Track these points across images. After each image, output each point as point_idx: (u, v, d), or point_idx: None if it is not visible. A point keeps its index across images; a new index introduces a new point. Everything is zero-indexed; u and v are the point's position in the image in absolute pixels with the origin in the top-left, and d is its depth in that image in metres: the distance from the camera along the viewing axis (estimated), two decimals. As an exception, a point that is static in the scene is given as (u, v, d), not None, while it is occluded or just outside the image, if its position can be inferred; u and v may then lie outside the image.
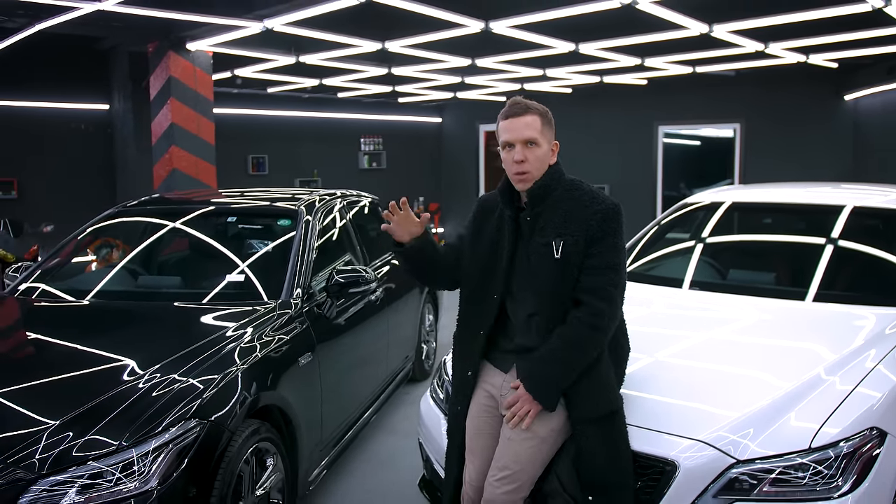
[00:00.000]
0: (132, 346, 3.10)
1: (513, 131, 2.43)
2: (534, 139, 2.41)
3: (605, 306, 2.33)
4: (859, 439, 2.37)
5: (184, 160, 7.29)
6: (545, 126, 2.44)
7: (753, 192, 4.63)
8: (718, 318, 3.48)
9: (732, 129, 11.02)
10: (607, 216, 2.37)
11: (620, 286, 2.39)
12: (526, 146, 2.41)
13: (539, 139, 2.41)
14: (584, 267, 2.36)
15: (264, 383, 3.04)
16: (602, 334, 2.35)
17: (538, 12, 5.64)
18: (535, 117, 2.42)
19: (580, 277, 2.36)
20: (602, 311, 2.32)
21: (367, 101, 12.98)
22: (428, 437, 3.19)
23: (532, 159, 2.41)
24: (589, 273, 2.35)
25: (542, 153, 2.43)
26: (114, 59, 9.65)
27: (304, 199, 4.38)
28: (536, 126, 2.42)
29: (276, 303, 3.54)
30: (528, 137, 2.41)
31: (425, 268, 2.66)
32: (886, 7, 5.37)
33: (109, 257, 5.63)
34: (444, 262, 2.67)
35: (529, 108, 2.43)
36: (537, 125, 2.42)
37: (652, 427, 2.49)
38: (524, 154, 2.41)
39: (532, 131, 2.41)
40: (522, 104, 2.44)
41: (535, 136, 2.41)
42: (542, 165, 2.44)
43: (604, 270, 2.35)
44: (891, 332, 3.04)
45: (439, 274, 2.70)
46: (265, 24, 5.96)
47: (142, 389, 2.68)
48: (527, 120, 2.42)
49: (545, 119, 2.45)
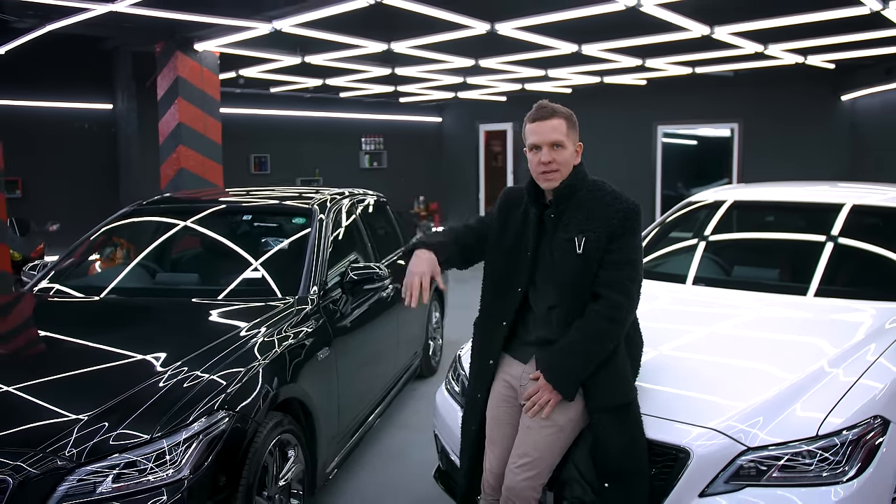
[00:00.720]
0: (158, 341, 3.19)
1: (540, 134, 2.53)
2: (560, 142, 2.51)
3: (622, 300, 2.43)
4: (863, 427, 2.47)
5: (191, 159, 7.37)
6: (570, 129, 2.54)
7: (754, 191, 4.73)
8: (723, 312, 3.58)
9: (730, 129, 11.12)
10: (628, 215, 2.48)
11: (637, 281, 2.50)
12: (552, 148, 2.51)
13: (565, 141, 2.52)
14: (603, 262, 2.47)
15: (285, 377, 3.13)
16: (619, 327, 2.45)
17: (543, 14, 5.74)
18: (561, 121, 2.52)
19: (599, 272, 2.47)
20: (620, 304, 2.43)
21: (369, 100, 13.07)
22: (444, 428, 3.29)
23: (559, 160, 2.52)
24: (608, 268, 2.46)
25: (568, 154, 2.53)
26: (117, 59, 9.72)
27: (316, 198, 4.47)
28: (562, 129, 2.52)
29: (293, 298, 3.63)
30: (554, 140, 2.51)
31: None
32: (884, 10, 5.48)
33: (114, 256, 5.69)
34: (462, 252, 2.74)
35: (556, 112, 2.53)
36: (563, 128, 2.52)
37: (665, 416, 2.59)
38: (551, 156, 2.51)
39: (558, 134, 2.51)
40: (549, 108, 2.54)
41: (562, 138, 2.51)
42: (567, 166, 2.54)
43: (622, 266, 2.45)
44: (891, 326, 3.14)
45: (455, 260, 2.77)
46: (274, 24, 6.04)
47: (170, 383, 2.77)
48: (553, 123, 2.52)
49: (570, 122, 2.55)
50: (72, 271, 4.22)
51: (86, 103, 10.00)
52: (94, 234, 4.43)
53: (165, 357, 2.99)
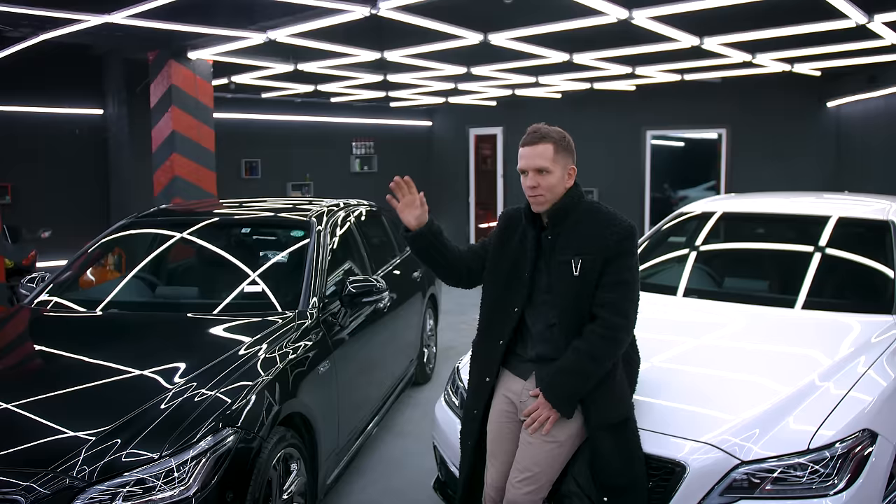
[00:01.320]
0: (162, 357, 3.22)
1: (526, 159, 2.61)
2: (544, 167, 2.58)
3: (619, 320, 2.50)
4: (853, 440, 2.56)
5: (185, 167, 7.41)
6: (559, 153, 2.60)
7: (742, 202, 4.83)
8: (714, 324, 3.67)
9: (717, 134, 11.25)
10: (623, 236, 2.55)
11: (634, 301, 2.57)
12: (538, 174, 2.59)
13: (550, 167, 2.58)
14: (600, 283, 2.54)
15: (288, 392, 3.19)
16: (616, 346, 2.52)
17: (536, 26, 5.82)
18: (549, 146, 2.59)
19: (596, 293, 2.54)
20: (617, 324, 2.50)
21: (359, 105, 13.10)
22: (443, 440, 3.35)
23: (544, 185, 2.59)
24: (605, 289, 2.53)
25: (555, 179, 2.60)
26: (108, 65, 9.71)
27: (313, 210, 4.52)
28: (548, 155, 2.58)
29: (293, 312, 3.68)
30: (539, 166, 2.58)
31: (433, 256, 2.78)
32: (869, 23, 5.59)
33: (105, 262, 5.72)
34: (453, 257, 2.79)
35: (544, 137, 2.60)
36: (549, 154, 2.58)
37: (662, 430, 2.67)
38: (536, 181, 2.59)
39: (543, 160, 2.58)
40: (538, 133, 2.61)
41: (546, 164, 2.58)
42: (553, 190, 2.60)
43: (619, 286, 2.52)
44: (877, 339, 3.24)
45: (447, 267, 2.82)
46: (268, 35, 6.08)
47: (177, 400, 2.82)
48: (539, 149, 2.59)
49: (559, 146, 2.61)
50: (70, 284, 4.25)
51: (76, 108, 9.97)
52: (93, 246, 4.45)
53: (171, 373, 3.03)
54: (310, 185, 12.69)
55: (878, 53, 7.31)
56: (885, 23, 5.70)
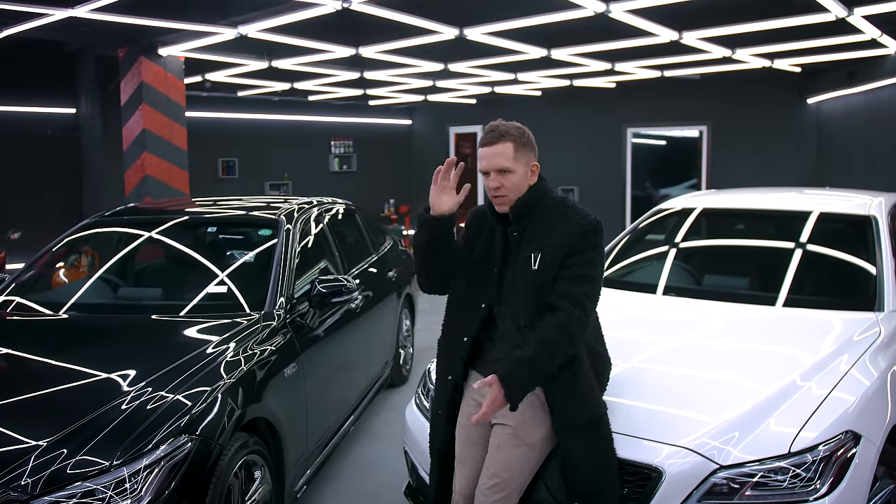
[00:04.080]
0: (120, 360, 3.08)
1: (486, 160, 2.50)
2: (505, 167, 2.47)
3: (575, 312, 2.36)
4: (835, 443, 2.47)
5: (156, 166, 7.23)
6: (520, 151, 2.49)
7: (723, 198, 4.74)
8: (694, 323, 3.57)
9: (699, 131, 11.21)
10: (587, 230, 2.44)
11: (594, 297, 2.44)
12: (500, 174, 2.48)
13: (511, 166, 2.47)
14: (559, 276, 2.42)
15: (251, 396, 3.06)
16: (569, 337, 2.36)
17: (512, 20, 5.71)
18: (508, 144, 2.48)
19: (556, 285, 2.42)
20: (570, 315, 2.36)
21: (338, 103, 12.96)
22: (413, 444, 3.24)
23: (507, 185, 2.48)
24: (564, 281, 2.41)
25: (517, 178, 2.49)
26: (80, 63, 9.52)
27: (283, 208, 4.40)
28: (509, 154, 2.47)
29: (259, 314, 3.55)
30: (500, 166, 2.47)
31: (433, 250, 2.61)
32: (849, 17, 5.54)
33: (78, 264, 5.56)
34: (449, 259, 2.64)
35: (503, 136, 2.48)
36: (509, 153, 2.47)
37: (637, 434, 2.56)
38: (499, 181, 2.48)
39: (503, 160, 2.47)
40: (497, 132, 2.50)
41: (507, 164, 2.47)
42: (517, 189, 2.50)
43: (578, 280, 2.40)
44: (860, 337, 3.15)
45: (439, 267, 2.65)
46: (239, 30, 5.94)
47: (132, 406, 2.69)
48: (498, 149, 2.48)
49: (519, 143, 2.49)
50: (32, 285, 4.09)
51: (48, 107, 9.77)
52: (55, 245, 4.31)
53: (128, 377, 2.90)
54: (288, 184, 12.53)
55: (858, 49, 7.28)
56: (864, 16, 5.65)
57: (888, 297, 3.48)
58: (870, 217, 3.93)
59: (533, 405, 2.48)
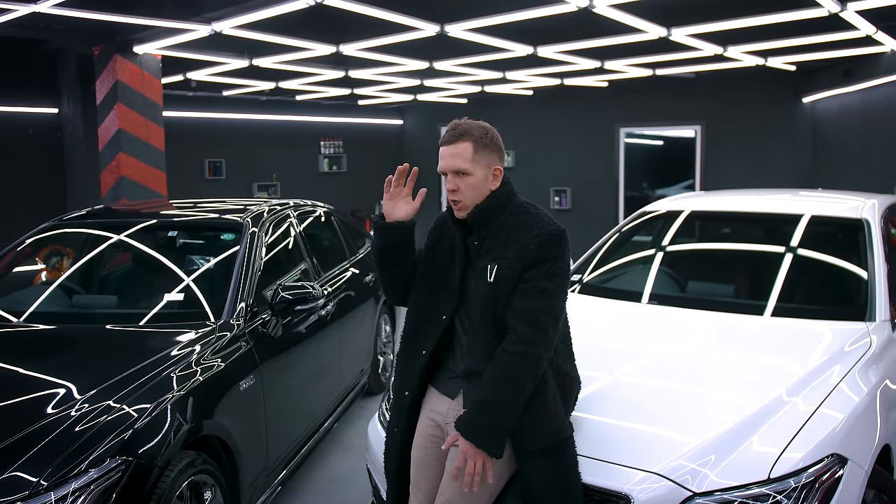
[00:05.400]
0: (62, 373, 2.90)
1: (444, 160, 2.33)
2: (462, 169, 2.29)
3: (531, 333, 2.17)
4: (820, 467, 2.28)
5: (132, 167, 7.03)
6: (480, 152, 2.31)
7: (712, 201, 4.55)
8: (676, 333, 3.38)
9: (693, 131, 11.03)
10: (546, 241, 2.25)
11: (553, 312, 2.24)
12: (457, 175, 2.31)
13: (469, 168, 2.29)
14: (516, 290, 2.24)
15: (201, 411, 2.87)
16: (531, 362, 2.18)
17: (493, 16, 5.53)
18: (468, 144, 2.30)
19: (512, 300, 2.24)
20: (528, 337, 2.17)
21: (327, 103, 12.77)
22: (375, 462, 3.04)
23: (464, 188, 2.30)
24: (520, 296, 2.23)
25: (475, 181, 2.31)
26: (62, 62, 9.35)
27: (251, 211, 4.21)
28: (467, 154, 2.29)
29: (216, 324, 3.36)
30: (457, 168, 2.30)
31: (391, 257, 2.49)
32: (842, 11, 5.35)
33: (60, 266, 5.40)
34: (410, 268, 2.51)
35: (463, 135, 2.31)
36: (468, 153, 2.29)
37: (604, 458, 2.37)
38: (455, 183, 2.31)
39: (461, 161, 2.29)
40: (457, 130, 2.32)
41: (465, 166, 2.29)
42: (475, 194, 2.32)
43: (534, 294, 2.21)
44: (849, 349, 2.97)
45: (401, 275, 2.51)
46: (213, 27, 5.75)
47: (67, 422, 2.50)
48: (457, 148, 2.31)
49: (480, 144, 2.31)
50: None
51: (30, 107, 9.58)
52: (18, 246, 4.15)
53: (69, 391, 2.71)
54: (276, 185, 12.34)
55: (853, 46, 7.09)
56: (857, 11, 5.46)
57: (879, 307, 3.29)
58: (862, 220, 3.75)
59: (492, 427, 2.29)
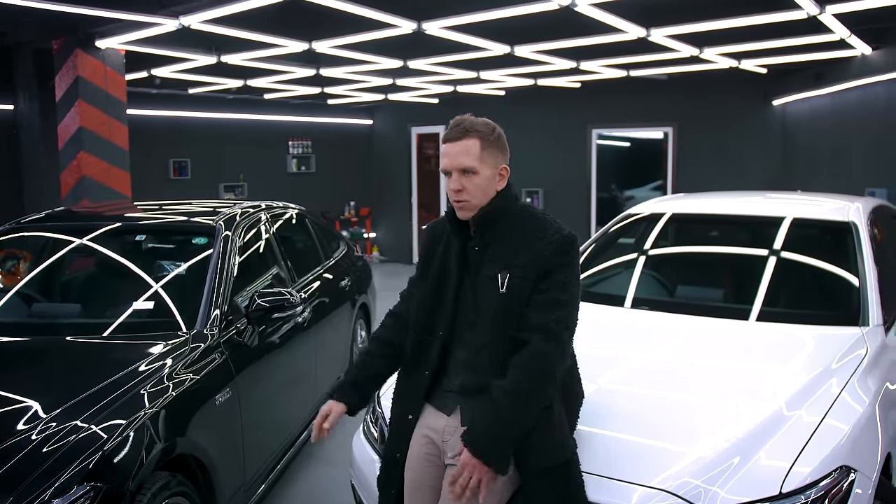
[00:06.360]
0: (23, 390, 2.71)
1: (449, 157, 2.19)
2: (470, 167, 2.17)
3: (550, 348, 2.07)
4: (830, 480, 2.20)
5: (94, 167, 6.76)
6: (488, 150, 2.19)
7: (693, 203, 4.49)
8: (667, 340, 3.29)
9: (663, 133, 11.05)
10: (560, 248, 2.13)
11: (570, 325, 2.14)
12: (463, 174, 2.17)
13: (476, 166, 2.17)
14: (531, 302, 2.12)
15: (174, 430, 2.70)
16: (547, 380, 2.08)
17: (473, 13, 5.40)
18: (475, 141, 2.17)
19: (527, 312, 2.12)
20: (546, 353, 2.06)
21: (295, 102, 12.53)
22: (362, 481, 2.90)
23: (470, 188, 2.17)
24: (536, 309, 2.11)
25: (482, 181, 2.19)
26: (17, 57, 8.98)
27: (223, 213, 4.03)
28: (475, 152, 2.17)
29: (189, 334, 3.18)
30: (463, 166, 2.17)
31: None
32: (820, 14, 5.34)
33: (16, 270, 5.16)
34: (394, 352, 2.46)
35: (469, 132, 2.18)
36: (476, 151, 2.17)
37: (608, 474, 2.26)
38: (461, 183, 2.18)
39: (469, 159, 2.17)
40: (462, 126, 2.19)
41: (473, 164, 2.17)
42: (482, 194, 2.19)
43: (550, 307, 2.10)
44: (846, 356, 2.89)
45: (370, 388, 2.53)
46: (181, 21, 5.53)
47: (28, 445, 2.32)
48: (465, 145, 2.18)
49: (488, 141, 2.19)
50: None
51: (-16, 103, 9.21)
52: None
53: (28, 411, 2.52)
54: (244, 186, 12.07)
55: (826, 49, 7.11)
56: (835, 14, 5.45)
57: (872, 311, 3.24)
58: (849, 223, 3.70)
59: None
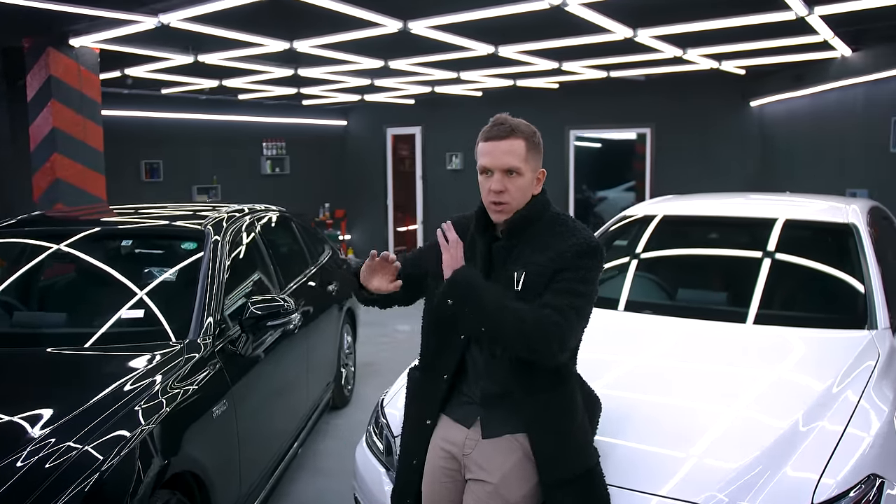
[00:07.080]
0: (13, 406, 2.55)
1: (492, 156, 2.08)
2: (516, 168, 2.07)
3: (558, 318, 1.94)
4: (859, 491, 2.15)
5: (68, 169, 6.55)
6: (531, 152, 2.10)
7: (684, 205, 4.45)
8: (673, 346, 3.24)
9: (637, 133, 11.10)
10: (582, 252, 2.03)
11: (581, 314, 2.02)
12: (506, 175, 2.07)
13: (522, 168, 2.08)
14: (547, 289, 2.02)
15: (172, 447, 2.57)
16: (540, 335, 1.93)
17: (461, 12, 5.31)
18: (520, 142, 2.08)
19: (543, 296, 2.01)
20: (554, 321, 1.94)
21: (269, 103, 12.34)
22: (366, 492, 2.80)
23: (512, 190, 2.07)
24: (552, 293, 2.00)
25: (525, 183, 2.10)
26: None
27: (210, 217, 3.89)
28: (520, 152, 2.08)
29: (182, 344, 3.04)
30: (509, 166, 2.07)
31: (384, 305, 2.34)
32: (808, 16, 5.35)
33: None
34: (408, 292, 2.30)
35: (514, 131, 2.08)
36: (521, 151, 2.08)
37: (631, 486, 2.19)
38: (503, 184, 2.07)
39: (514, 159, 2.07)
40: (507, 125, 2.09)
41: (518, 164, 2.07)
42: (523, 196, 2.11)
43: (566, 294, 1.99)
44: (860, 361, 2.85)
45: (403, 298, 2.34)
46: (160, 18, 5.37)
47: (25, 466, 2.17)
48: (510, 145, 2.07)
49: (531, 143, 2.11)
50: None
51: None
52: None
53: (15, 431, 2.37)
54: (217, 188, 11.85)
55: (808, 51, 7.15)
56: (822, 16, 5.46)
57: (880, 314, 3.22)
58: (850, 225, 3.68)
59: (517, 457, 2.09)
